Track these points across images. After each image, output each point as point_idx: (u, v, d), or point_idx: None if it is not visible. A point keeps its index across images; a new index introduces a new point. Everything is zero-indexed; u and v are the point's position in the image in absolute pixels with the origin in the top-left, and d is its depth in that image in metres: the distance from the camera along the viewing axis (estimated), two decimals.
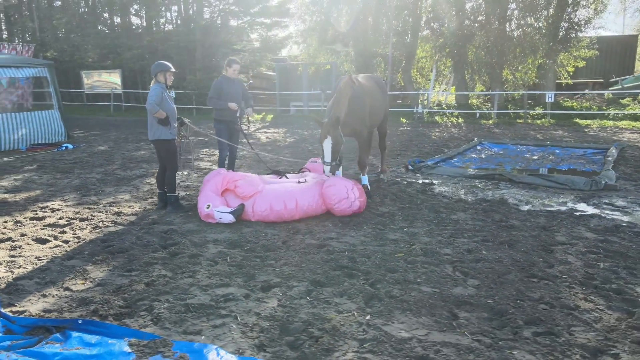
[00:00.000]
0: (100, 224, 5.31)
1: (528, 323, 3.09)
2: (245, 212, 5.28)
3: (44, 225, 5.27)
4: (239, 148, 7.28)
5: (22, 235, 4.92)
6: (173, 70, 5.82)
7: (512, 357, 2.70)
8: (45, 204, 6.22)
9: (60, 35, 25.21)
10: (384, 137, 7.72)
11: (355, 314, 3.19)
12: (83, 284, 3.70)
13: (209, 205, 5.29)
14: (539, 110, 17.84)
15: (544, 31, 18.01)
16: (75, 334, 2.83)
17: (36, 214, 5.74)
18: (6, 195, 6.73)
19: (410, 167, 8.69)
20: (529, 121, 16.83)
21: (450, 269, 4.02)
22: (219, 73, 20.52)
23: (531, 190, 7.02)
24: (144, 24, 24.18)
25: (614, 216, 5.61)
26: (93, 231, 5.08)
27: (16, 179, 7.94)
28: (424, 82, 19.90)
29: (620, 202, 6.21)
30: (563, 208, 6.00)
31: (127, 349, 2.65)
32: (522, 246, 4.56)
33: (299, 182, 5.76)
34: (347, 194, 5.37)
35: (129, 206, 6.13)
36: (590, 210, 5.91)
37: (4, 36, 26.16)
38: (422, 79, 19.82)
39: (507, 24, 18.55)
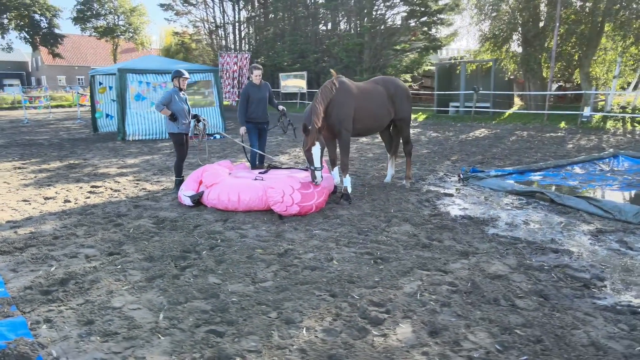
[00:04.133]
0: (116, 193, 6.89)
1: None
2: (203, 198, 6.07)
3: (92, 187, 7.14)
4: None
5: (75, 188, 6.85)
6: (186, 76, 6.97)
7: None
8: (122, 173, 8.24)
9: (267, 43, 29.68)
10: (406, 143, 7.31)
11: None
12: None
13: (181, 189, 6.29)
14: None
15: None
16: None
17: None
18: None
19: (461, 175, 7.93)
20: None
21: (270, 275, 4.03)
22: (384, 73, 21.21)
23: (563, 214, 5.75)
24: (329, 27, 26.44)
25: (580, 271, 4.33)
26: (90, 195, 6.66)
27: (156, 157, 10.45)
28: (605, 79, 16.33)
29: None
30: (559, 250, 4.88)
31: None
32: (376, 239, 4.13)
33: (255, 178, 6.21)
34: (281, 199, 5.57)
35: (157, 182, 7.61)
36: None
37: (231, 46, 32.24)
38: (605, 75, 16.25)
39: None
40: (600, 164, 9.10)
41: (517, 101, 20.56)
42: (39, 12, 39.07)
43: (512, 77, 19.11)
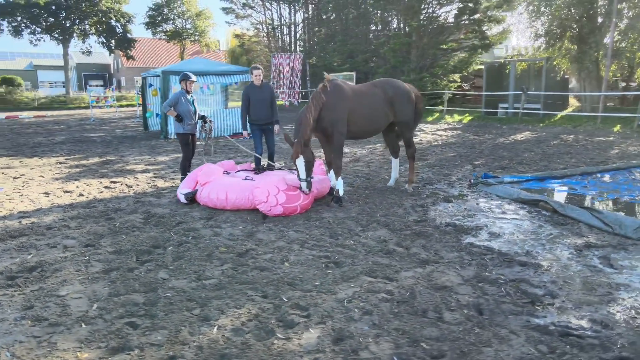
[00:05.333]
0: (125, 188, 7.34)
1: None
2: (197, 196, 6.33)
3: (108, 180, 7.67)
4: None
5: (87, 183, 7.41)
6: (192, 79, 7.29)
7: None
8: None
9: (319, 44, 29.91)
10: (408, 146, 7.15)
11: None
12: None
13: (179, 187, 6.60)
14: None
15: None
16: None
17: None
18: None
19: (472, 180, 7.65)
20: None
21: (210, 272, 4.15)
22: (430, 73, 20.72)
23: (560, 226, 5.42)
24: (379, 28, 26.18)
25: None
26: (104, 190, 7.12)
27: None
28: None
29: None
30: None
31: None
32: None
33: (245, 178, 6.36)
34: (266, 199, 5.69)
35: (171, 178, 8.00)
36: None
37: (287, 47, 32.84)
38: None
39: None
40: (636, 172, 8.37)
41: (574, 102, 19.24)
42: (115, 19, 41.99)
43: (566, 76, 17.92)
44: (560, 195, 6.92)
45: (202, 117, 7.48)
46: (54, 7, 39.68)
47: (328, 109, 6.19)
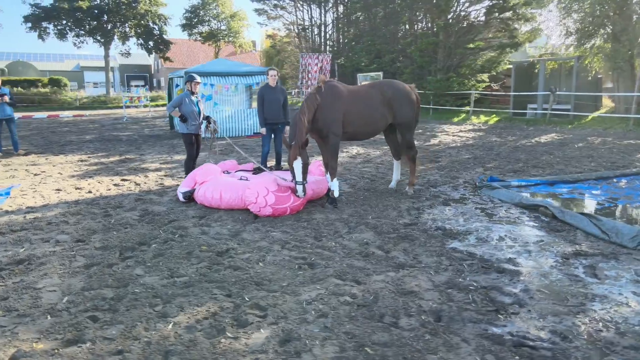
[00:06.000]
0: (135, 186, 7.58)
1: None
2: (195, 195, 6.47)
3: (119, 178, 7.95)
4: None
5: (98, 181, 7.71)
6: (197, 81, 7.46)
7: None
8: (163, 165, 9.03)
9: (347, 44, 29.83)
10: (409, 148, 7.04)
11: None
12: None
13: (180, 186, 6.77)
14: None
15: None
16: None
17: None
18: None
19: (477, 184, 7.48)
20: None
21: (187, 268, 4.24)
22: (457, 73, 20.31)
23: (555, 232, 5.25)
24: (407, 27, 25.83)
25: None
26: (112, 188, 7.38)
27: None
28: None
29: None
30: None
31: None
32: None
33: (241, 178, 6.44)
34: (255, 200, 5.75)
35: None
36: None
37: (316, 47, 32.92)
38: None
39: None
40: None
41: (608, 103, 18.38)
42: (152, 21, 43.34)
43: (599, 76, 17.14)
44: (565, 200, 6.66)
45: (207, 118, 7.65)
46: (96, 11, 41.39)
47: (322, 110, 6.20)
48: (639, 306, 3.45)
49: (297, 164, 5.92)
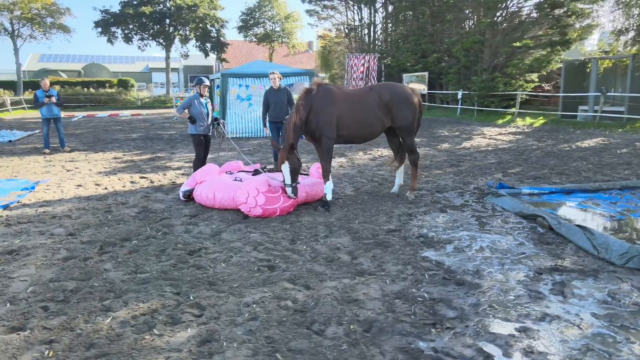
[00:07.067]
0: (146, 182, 7.96)
1: None
2: (193, 194, 6.71)
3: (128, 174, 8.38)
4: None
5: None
6: (206, 84, 7.69)
7: None
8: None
9: (393, 44, 29.36)
10: (410, 152, 6.89)
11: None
12: None
13: (183, 185, 7.05)
14: None
15: None
16: None
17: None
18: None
19: (486, 190, 7.18)
20: None
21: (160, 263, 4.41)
22: (504, 73, 19.48)
23: (544, 245, 4.97)
24: (454, 26, 25.01)
25: None
26: (127, 184, 7.76)
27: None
28: None
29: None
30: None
31: None
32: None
33: (235, 179, 6.58)
34: (246, 200, 5.87)
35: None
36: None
37: (365, 47, 32.70)
38: None
39: None
40: None
41: None
42: (210, 24, 45.04)
43: None
44: (573, 211, 6.23)
45: (216, 119, 7.89)
46: (158, 16, 43.63)
47: (315, 113, 6.21)
48: (590, 329, 3.19)
49: (285, 168, 5.99)
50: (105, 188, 7.80)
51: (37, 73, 49.31)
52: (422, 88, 25.39)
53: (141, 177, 8.70)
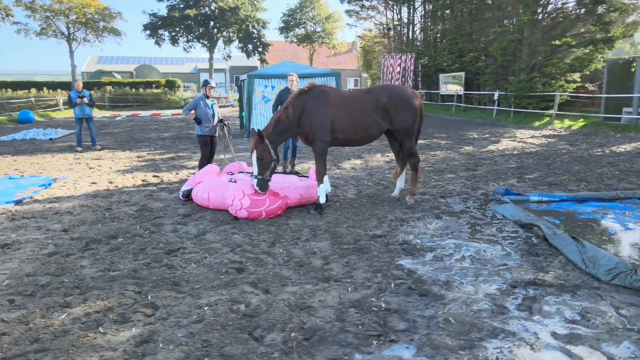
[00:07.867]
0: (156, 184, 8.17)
1: None
2: (191, 194, 6.83)
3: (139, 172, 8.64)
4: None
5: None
6: (212, 85, 7.83)
7: None
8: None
9: (431, 43, 28.72)
10: (410, 155, 6.70)
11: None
12: None
13: (184, 184, 7.20)
14: None
15: None
16: None
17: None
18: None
19: (490, 196, 6.89)
20: None
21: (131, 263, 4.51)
22: (542, 73, 18.64)
23: (530, 256, 4.72)
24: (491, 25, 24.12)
25: None
26: (138, 183, 7.99)
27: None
28: None
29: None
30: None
31: None
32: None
33: (230, 180, 6.62)
34: (231, 202, 5.92)
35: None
36: None
37: (403, 47, 32.21)
38: None
39: None
40: None
41: None
42: (252, 25, 45.85)
43: None
44: (577, 221, 5.85)
45: (221, 121, 8.00)
46: (203, 18, 44.89)
47: (308, 115, 6.16)
48: (543, 349, 2.98)
49: (253, 157, 5.98)
50: (116, 186, 8.09)
51: (94, 74, 52.01)
52: (458, 88, 24.74)
53: (154, 176, 8.96)
